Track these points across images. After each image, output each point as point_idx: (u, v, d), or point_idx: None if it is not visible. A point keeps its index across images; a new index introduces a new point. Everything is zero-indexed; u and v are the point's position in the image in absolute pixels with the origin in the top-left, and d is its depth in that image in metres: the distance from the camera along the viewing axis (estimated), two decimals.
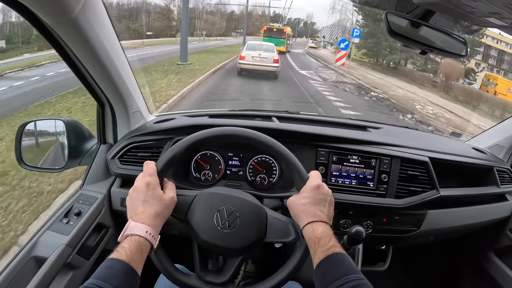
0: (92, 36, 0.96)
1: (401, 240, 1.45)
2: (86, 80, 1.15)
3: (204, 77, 11.97)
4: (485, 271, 1.69)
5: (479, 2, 0.80)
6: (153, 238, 0.80)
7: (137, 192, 0.85)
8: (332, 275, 0.74)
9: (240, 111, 1.76)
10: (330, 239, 0.80)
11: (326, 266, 0.77)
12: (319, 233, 0.82)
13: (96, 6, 0.95)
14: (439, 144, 1.59)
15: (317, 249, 0.80)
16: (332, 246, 0.79)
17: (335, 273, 0.74)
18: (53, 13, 0.84)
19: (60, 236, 1.10)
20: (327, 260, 0.77)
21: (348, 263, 0.77)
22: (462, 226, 1.51)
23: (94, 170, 1.34)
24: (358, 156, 1.35)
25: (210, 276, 0.92)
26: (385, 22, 0.94)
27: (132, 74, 1.29)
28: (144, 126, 1.43)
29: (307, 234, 0.84)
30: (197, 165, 1.37)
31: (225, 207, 0.91)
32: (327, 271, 0.76)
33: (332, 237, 0.81)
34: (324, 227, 0.83)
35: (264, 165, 1.37)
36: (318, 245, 0.80)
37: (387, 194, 1.34)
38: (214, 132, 0.97)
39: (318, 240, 0.80)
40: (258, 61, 12.73)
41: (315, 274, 0.79)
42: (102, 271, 0.69)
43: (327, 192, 0.91)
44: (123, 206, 1.27)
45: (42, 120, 1.35)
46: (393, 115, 10.00)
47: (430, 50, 1.01)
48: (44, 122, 1.36)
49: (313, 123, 1.59)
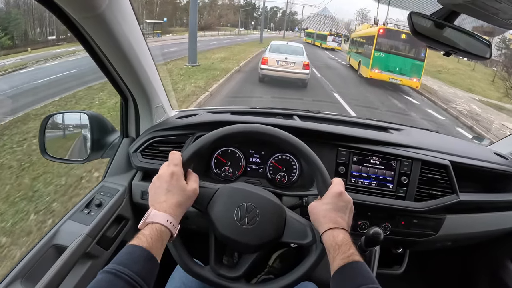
0: (118, 31, 0.98)
1: (418, 244, 1.43)
2: (111, 74, 1.18)
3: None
4: (501, 280, 1.65)
5: (504, 4, 0.79)
6: (173, 227, 0.81)
7: (160, 181, 0.86)
8: (350, 282, 0.75)
9: (262, 109, 1.77)
10: (350, 247, 0.81)
11: (344, 273, 0.78)
12: (339, 240, 0.82)
13: (123, 2, 0.97)
14: (461, 148, 1.56)
15: (336, 255, 0.80)
16: (352, 254, 0.79)
17: (353, 281, 0.75)
18: (80, 8, 0.86)
19: (81, 226, 1.13)
20: (346, 267, 0.78)
21: (366, 272, 0.77)
22: (481, 233, 1.48)
23: (116, 163, 1.37)
24: (379, 157, 1.34)
25: (224, 270, 0.93)
26: (409, 22, 0.93)
27: (156, 69, 1.31)
28: (166, 121, 1.45)
29: (327, 240, 0.84)
30: (217, 161, 1.38)
31: (246, 203, 0.92)
32: (345, 278, 0.77)
33: (352, 245, 0.82)
34: (344, 235, 0.84)
35: (284, 163, 1.38)
36: (338, 252, 0.80)
37: (407, 197, 1.32)
38: (240, 128, 0.98)
39: (339, 247, 0.81)
40: (284, 67, 10.56)
41: (332, 280, 0.79)
42: (123, 257, 0.70)
43: (348, 200, 0.92)
44: (144, 199, 1.30)
45: (66, 113, 1.38)
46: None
47: (454, 52, 1.00)
48: (68, 115, 1.39)
49: (334, 122, 1.58)
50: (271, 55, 10.82)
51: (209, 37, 43.56)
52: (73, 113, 1.39)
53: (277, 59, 10.61)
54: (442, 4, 0.93)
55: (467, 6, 0.87)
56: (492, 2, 0.80)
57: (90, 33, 0.96)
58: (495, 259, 1.71)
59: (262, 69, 10.76)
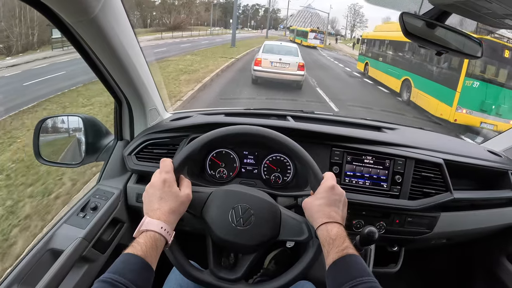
0: (112, 35, 0.98)
1: (413, 241, 1.44)
2: (104, 78, 1.18)
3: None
4: (496, 276, 1.67)
5: (494, 4, 0.79)
6: (168, 234, 0.81)
7: (153, 189, 0.87)
8: (345, 276, 0.75)
9: (256, 110, 1.77)
10: (344, 240, 0.81)
11: (339, 266, 0.78)
12: (333, 234, 0.82)
13: (116, 5, 0.97)
14: (454, 146, 1.57)
15: (331, 249, 0.80)
16: (346, 247, 0.80)
17: (348, 274, 0.75)
18: (74, 12, 0.86)
19: (76, 229, 1.13)
20: (340, 261, 0.78)
21: (361, 265, 0.77)
22: (475, 230, 1.50)
23: (111, 166, 1.37)
24: (372, 156, 1.35)
25: (223, 273, 0.93)
26: (400, 22, 0.94)
27: (150, 72, 1.31)
28: (160, 124, 1.45)
29: (321, 235, 0.85)
30: (212, 163, 1.38)
31: (240, 205, 0.93)
32: (340, 271, 0.77)
33: (346, 239, 0.82)
34: (338, 228, 0.84)
35: (279, 164, 1.38)
36: (332, 246, 0.80)
37: (401, 196, 1.33)
38: (229, 130, 0.98)
39: (333, 241, 0.81)
40: (278, 68, 10.22)
41: (327, 274, 0.79)
42: (118, 265, 0.71)
43: (341, 193, 0.92)
44: (139, 201, 1.30)
45: (60, 116, 1.38)
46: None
47: (446, 51, 1.01)
48: (62, 118, 1.39)
49: (327, 122, 1.59)
50: (265, 55, 10.44)
51: (168, 39, 33.80)
52: (66, 116, 1.38)
53: (271, 60, 10.28)
54: (434, 4, 0.94)
55: (458, 6, 0.87)
56: (483, 2, 0.81)
57: (83, 36, 0.96)
58: (490, 256, 1.72)
59: (255, 70, 10.35)
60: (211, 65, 13.48)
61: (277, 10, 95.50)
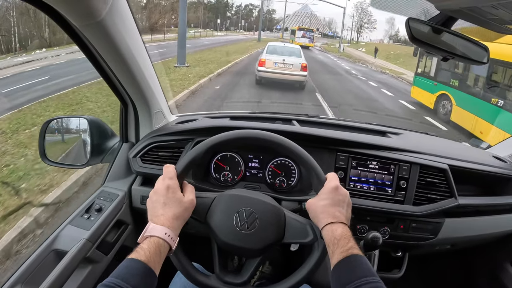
0: (118, 38, 0.99)
1: (417, 247, 1.43)
2: (111, 80, 1.19)
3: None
4: (501, 282, 1.65)
5: (501, 10, 0.79)
6: (172, 240, 0.81)
7: (157, 195, 0.87)
8: (350, 276, 0.75)
9: (261, 114, 1.78)
10: (349, 240, 0.81)
11: (344, 266, 0.78)
12: (338, 234, 0.82)
13: (122, 8, 0.98)
14: (459, 151, 1.57)
15: (335, 249, 0.80)
16: (351, 247, 0.79)
17: (353, 274, 0.75)
18: (81, 15, 0.87)
19: (80, 230, 1.14)
20: (345, 261, 0.78)
21: (366, 265, 0.77)
22: (480, 236, 1.49)
23: (116, 168, 1.38)
24: (377, 161, 1.35)
25: (229, 277, 0.93)
26: (406, 28, 0.94)
27: (156, 75, 1.32)
28: (165, 126, 1.46)
29: (326, 235, 0.85)
30: (217, 166, 1.38)
31: (244, 208, 0.93)
32: (345, 271, 0.77)
33: (351, 239, 0.82)
34: (343, 228, 0.84)
35: (284, 168, 1.38)
36: (337, 246, 0.80)
37: (405, 201, 1.33)
38: (232, 135, 0.99)
39: (337, 241, 0.81)
40: (282, 69, 10.34)
41: (332, 274, 0.79)
42: (121, 271, 0.71)
43: (345, 193, 0.92)
44: (143, 204, 1.31)
45: (66, 118, 1.39)
46: None
47: (452, 57, 1.00)
48: (67, 120, 1.40)
49: (332, 127, 1.59)
50: (269, 56, 10.60)
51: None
52: (72, 118, 1.39)
53: (275, 61, 10.41)
54: (440, 10, 0.94)
55: (465, 12, 0.87)
56: (489, 8, 0.81)
57: (90, 40, 0.97)
58: (494, 262, 1.71)
59: (259, 71, 10.43)
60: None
61: (272, 11, 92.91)
